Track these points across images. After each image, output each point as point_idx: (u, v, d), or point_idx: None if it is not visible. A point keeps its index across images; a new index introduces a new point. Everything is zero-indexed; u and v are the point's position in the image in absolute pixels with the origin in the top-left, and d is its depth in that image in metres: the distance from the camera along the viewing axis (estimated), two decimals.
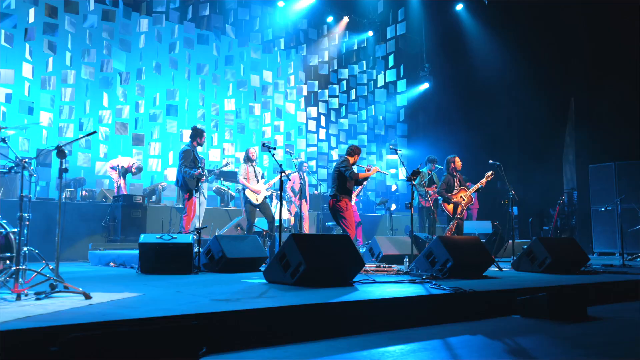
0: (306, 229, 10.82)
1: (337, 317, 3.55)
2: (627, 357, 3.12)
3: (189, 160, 7.86)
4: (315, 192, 12.89)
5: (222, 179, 11.63)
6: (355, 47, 15.25)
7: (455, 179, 8.37)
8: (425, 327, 3.84)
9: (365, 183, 7.70)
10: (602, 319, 4.35)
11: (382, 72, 14.81)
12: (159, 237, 6.07)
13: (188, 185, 7.97)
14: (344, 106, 15.39)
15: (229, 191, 11.95)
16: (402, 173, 14.69)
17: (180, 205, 10.67)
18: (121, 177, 10.62)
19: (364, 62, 15.34)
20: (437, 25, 14.42)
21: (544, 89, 13.94)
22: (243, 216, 10.26)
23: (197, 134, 8.18)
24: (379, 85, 14.91)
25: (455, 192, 8.28)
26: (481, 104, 14.01)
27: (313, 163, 14.63)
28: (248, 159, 8.66)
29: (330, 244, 5.03)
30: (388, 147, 14.87)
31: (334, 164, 7.97)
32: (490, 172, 8.32)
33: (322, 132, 15.13)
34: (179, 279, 5.33)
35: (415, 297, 4.07)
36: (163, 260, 5.89)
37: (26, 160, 3.65)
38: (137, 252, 7.37)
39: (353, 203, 9.56)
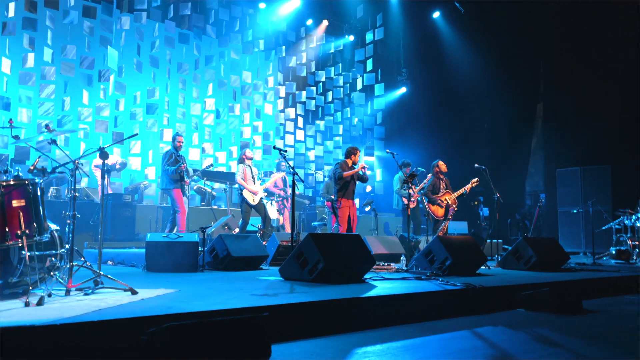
0: (287, 228, 11.01)
1: (369, 310, 3.80)
2: (627, 344, 3.48)
3: (171, 160, 8.23)
4: (297, 192, 13.08)
5: (205, 178, 11.68)
6: (333, 50, 15.52)
7: (441, 182, 8.76)
8: (444, 319, 4.13)
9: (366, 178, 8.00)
10: (597, 311, 4.75)
11: (361, 76, 15.14)
12: (165, 235, 6.17)
13: (174, 183, 8.27)
14: (321, 108, 15.64)
15: (212, 192, 12.02)
16: (379, 175, 15.08)
17: (164, 204, 10.73)
18: (106, 175, 10.56)
19: (341, 64, 15.64)
20: (414, 32, 14.86)
21: (514, 95, 14.59)
22: (230, 215, 10.39)
23: (173, 139, 8.58)
24: (357, 89, 15.23)
25: (440, 194, 8.66)
26: (455, 108, 14.54)
27: (291, 164, 14.80)
28: (243, 161, 8.85)
29: (345, 243, 5.27)
30: (365, 149, 15.21)
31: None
32: (475, 179, 8.77)
33: (300, 133, 15.35)
34: (192, 276, 5.47)
35: (433, 292, 4.37)
36: (170, 258, 6.00)
37: (78, 161, 3.74)
38: (135, 250, 7.46)
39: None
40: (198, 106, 13.57)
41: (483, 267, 7.11)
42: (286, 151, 6.33)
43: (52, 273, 3.48)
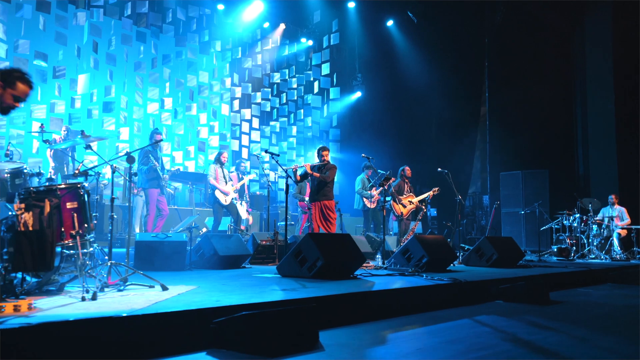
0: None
1: (379, 302, 4.20)
2: (605, 326, 4.04)
3: (145, 159, 8.35)
4: (258, 192, 13.28)
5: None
6: (288, 53, 15.84)
7: (405, 185, 9.33)
8: (439, 310, 4.58)
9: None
10: (562, 302, 5.36)
11: (317, 79, 15.54)
12: (154, 235, 6.28)
13: (149, 182, 8.36)
14: (275, 109, 15.92)
15: (172, 192, 12.02)
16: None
17: (126, 204, 10.65)
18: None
19: (294, 67, 15.97)
20: (369, 38, 15.44)
21: (460, 101, 15.48)
22: (197, 216, 10.48)
23: (151, 135, 8.68)
24: (314, 92, 15.61)
25: (405, 196, 9.22)
26: (407, 112, 15.27)
27: (248, 164, 14.98)
28: (218, 161, 8.99)
29: (338, 242, 5.62)
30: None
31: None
32: (436, 188, 9.43)
33: (255, 133, 15.55)
34: (188, 274, 5.64)
35: (427, 286, 4.81)
36: (159, 257, 6.12)
37: (116, 165, 3.86)
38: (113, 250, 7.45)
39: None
40: (156, 105, 13.51)
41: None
42: (278, 155, 6.58)
43: (88, 271, 3.61)
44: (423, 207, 9.07)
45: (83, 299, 3.16)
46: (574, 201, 11.80)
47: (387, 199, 11.17)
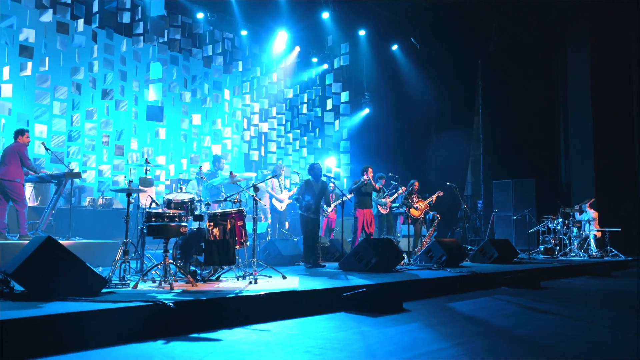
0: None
1: (428, 285, 5.97)
2: (592, 301, 5.84)
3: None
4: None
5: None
6: (303, 73, 17.64)
7: (414, 196, 11.15)
8: (463, 293, 6.35)
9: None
10: (550, 288, 7.19)
11: (329, 97, 17.33)
12: None
13: (211, 198, 10.00)
14: (289, 122, 17.68)
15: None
16: (345, 184, 17.31)
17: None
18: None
19: (309, 85, 17.77)
20: (376, 60, 17.32)
21: (457, 117, 17.41)
22: None
23: (216, 161, 10.24)
24: (327, 109, 17.40)
25: (415, 202, 11.06)
26: (408, 126, 17.17)
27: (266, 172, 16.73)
28: (276, 174, 10.55)
29: (384, 244, 7.38)
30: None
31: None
32: (440, 192, 11.24)
33: (271, 145, 17.28)
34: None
35: (453, 276, 6.61)
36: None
37: (255, 196, 5.56)
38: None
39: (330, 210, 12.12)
40: (187, 121, 15.15)
41: None
42: (334, 178, 8.30)
43: (238, 265, 5.34)
44: (438, 216, 10.88)
45: (250, 282, 4.91)
46: (558, 207, 13.69)
47: (395, 204, 12.94)
